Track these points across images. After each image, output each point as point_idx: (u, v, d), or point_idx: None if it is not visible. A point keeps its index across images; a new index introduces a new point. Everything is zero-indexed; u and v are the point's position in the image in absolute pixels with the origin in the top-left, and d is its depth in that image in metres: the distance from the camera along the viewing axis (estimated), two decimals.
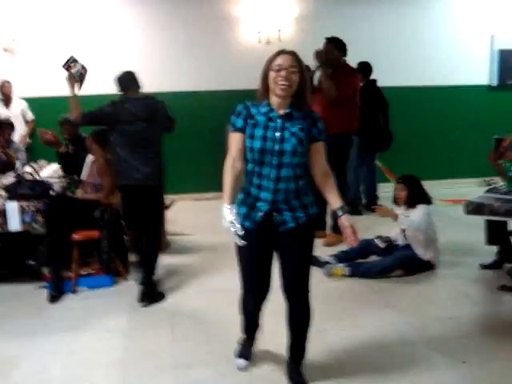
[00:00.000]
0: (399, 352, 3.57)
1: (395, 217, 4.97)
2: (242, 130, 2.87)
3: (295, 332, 3.13)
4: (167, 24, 8.08)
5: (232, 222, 2.80)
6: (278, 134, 2.79)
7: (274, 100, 2.84)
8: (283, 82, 2.75)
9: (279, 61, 2.76)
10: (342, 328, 3.94)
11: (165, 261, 5.33)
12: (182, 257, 5.39)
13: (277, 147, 2.79)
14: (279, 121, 2.82)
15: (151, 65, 7.88)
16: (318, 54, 5.63)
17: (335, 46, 5.72)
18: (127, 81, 4.64)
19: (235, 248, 2.97)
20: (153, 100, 4.66)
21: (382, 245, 5.11)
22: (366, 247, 5.20)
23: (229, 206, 2.85)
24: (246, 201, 2.92)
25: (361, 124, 6.14)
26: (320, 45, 5.80)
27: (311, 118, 2.86)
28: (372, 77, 7.22)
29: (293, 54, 2.80)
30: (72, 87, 4.68)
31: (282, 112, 2.83)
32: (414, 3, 8.51)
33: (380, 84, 7.25)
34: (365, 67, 7.06)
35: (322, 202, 5.86)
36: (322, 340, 3.71)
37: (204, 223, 6.47)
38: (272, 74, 2.77)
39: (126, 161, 4.50)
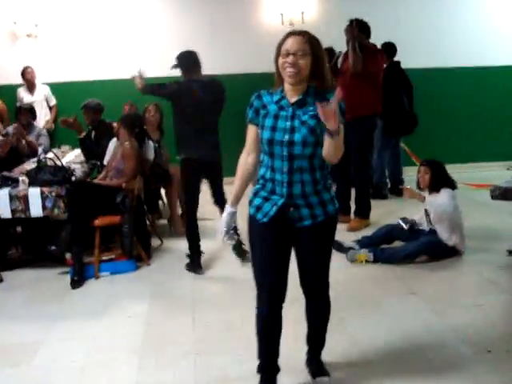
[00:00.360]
0: (423, 340, 3.50)
1: (422, 199, 4.85)
2: (253, 122, 2.72)
3: (314, 325, 3.03)
4: (188, 5, 8.03)
5: (222, 224, 2.81)
6: (287, 124, 2.60)
7: (287, 87, 2.63)
8: (290, 69, 2.53)
9: (287, 45, 2.54)
10: (364, 315, 3.89)
11: (187, 246, 5.32)
12: (204, 242, 5.36)
13: (286, 137, 2.58)
14: (290, 109, 2.61)
15: (172, 48, 7.83)
16: (350, 29, 5.55)
17: (359, 28, 5.61)
18: (191, 62, 4.72)
19: (249, 241, 2.84)
20: (217, 83, 4.81)
21: (405, 226, 5.03)
22: (390, 232, 5.13)
23: (229, 207, 2.82)
24: (260, 193, 2.73)
25: (384, 107, 6.04)
26: (344, 27, 5.71)
27: (326, 100, 2.48)
28: (396, 58, 7.08)
29: (303, 35, 2.55)
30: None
31: (293, 99, 2.62)
32: None
33: (404, 66, 7.11)
34: (389, 48, 6.92)
35: (346, 186, 5.92)
36: (343, 327, 3.67)
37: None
38: (280, 60, 2.56)
39: (190, 137, 4.64)
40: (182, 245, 5.35)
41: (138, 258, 4.95)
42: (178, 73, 4.78)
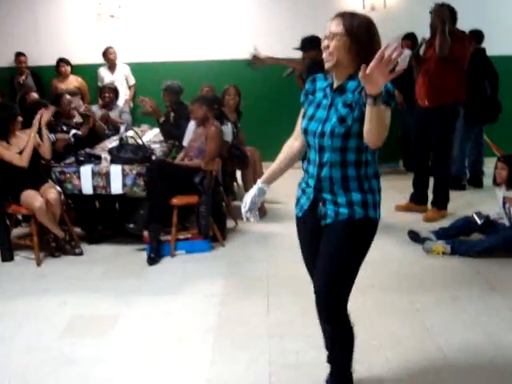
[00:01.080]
0: (503, 339, 3.37)
1: None
2: (303, 105, 2.54)
3: (331, 349, 2.71)
4: None
5: (248, 199, 2.63)
6: (324, 113, 2.38)
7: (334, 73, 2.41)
8: (324, 54, 2.33)
9: (325, 29, 2.36)
10: (441, 308, 3.79)
11: (262, 229, 5.37)
12: (278, 225, 5.39)
13: (319, 128, 2.37)
14: (330, 97, 2.39)
15: (252, 32, 7.88)
16: (439, 11, 5.34)
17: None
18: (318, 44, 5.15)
19: None
20: None
21: (479, 221, 4.88)
22: (468, 224, 4.99)
23: (259, 184, 2.66)
24: (301, 185, 2.58)
25: (467, 94, 5.86)
26: (427, 12, 5.54)
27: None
28: (482, 45, 6.84)
29: (339, 17, 2.33)
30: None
31: (335, 86, 2.40)
32: None
33: (489, 53, 6.86)
34: (476, 35, 6.68)
35: (425, 175, 5.80)
36: (419, 319, 3.61)
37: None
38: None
39: None
40: (256, 227, 5.39)
41: (212, 238, 5.00)
42: None
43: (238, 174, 6.30)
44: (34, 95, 6.38)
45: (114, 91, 6.88)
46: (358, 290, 2.71)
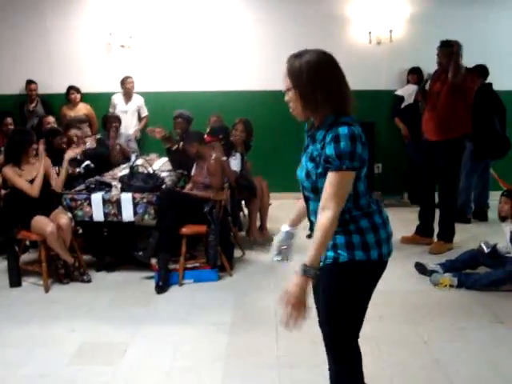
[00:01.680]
0: (511, 372, 3.37)
1: None
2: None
3: None
4: (276, 23, 8.12)
5: (275, 241, 2.60)
6: (304, 160, 2.32)
7: None
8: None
9: None
10: (448, 340, 3.80)
11: (268, 258, 5.38)
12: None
13: (300, 177, 2.35)
14: (309, 146, 2.31)
15: (258, 64, 8.01)
16: (457, 45, 5.41)
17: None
18: None
19: None
20: None
21: (486, 249, 4.90)
22: (475, 257, 5.01)
23: (284, 226, 2.61)
24: None
25: (475, 129, 5.91)
26: (433, 46, 5.63)
27: (327, 136, 2.16)
28: (488, 80, 6.92)
29: (286, 65, 2.28)
30: None
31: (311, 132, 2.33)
32: None
33: (496, 88, 6.93)
34: (481, 70, 6.78)
35: (431, 208, 5.83)
36: (427, 351, 3.61)
37: (306, 223, 6.44)
38: None
39: None
40: (262, 257, 5.43)
41: (220, 268, 5.02)
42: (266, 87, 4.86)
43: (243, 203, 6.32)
44: (51, 119, 6.45)
45: (118, 120, 6.91)
46: (366, 321, 2.66)
